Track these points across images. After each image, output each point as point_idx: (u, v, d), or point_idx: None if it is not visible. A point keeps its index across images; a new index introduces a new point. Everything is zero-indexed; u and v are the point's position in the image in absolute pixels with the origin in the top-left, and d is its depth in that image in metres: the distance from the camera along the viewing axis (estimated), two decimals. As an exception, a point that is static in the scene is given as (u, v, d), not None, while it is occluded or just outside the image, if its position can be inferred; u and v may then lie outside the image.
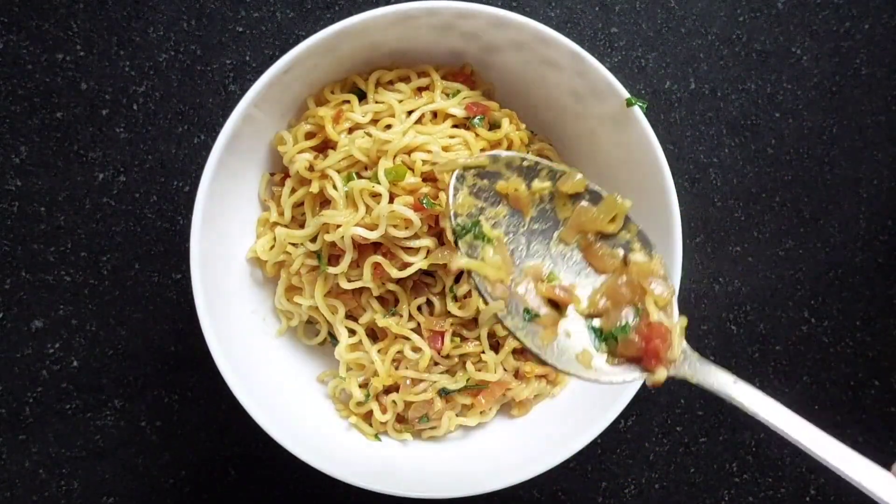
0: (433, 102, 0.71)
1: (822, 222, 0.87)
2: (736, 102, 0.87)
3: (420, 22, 0.68)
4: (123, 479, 0.79)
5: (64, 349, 0.79)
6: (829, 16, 0.88)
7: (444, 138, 0.69)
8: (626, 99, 0.67)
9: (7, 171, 0.79)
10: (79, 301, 0.79)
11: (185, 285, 0.80)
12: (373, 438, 0.72)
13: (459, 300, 0.70)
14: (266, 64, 0.81)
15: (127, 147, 0.81)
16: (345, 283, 0.68)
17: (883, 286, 0.87)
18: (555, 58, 0.69)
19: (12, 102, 0.80)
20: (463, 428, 0.74)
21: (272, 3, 0.83)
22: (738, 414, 0.84)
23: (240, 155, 0.69)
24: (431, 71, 0.73)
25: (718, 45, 0.87)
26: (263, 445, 0.65)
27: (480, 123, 0.71)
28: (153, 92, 0.81)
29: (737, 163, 0.86)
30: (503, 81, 0.75)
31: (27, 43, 0.80)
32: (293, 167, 0.70)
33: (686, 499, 0.84)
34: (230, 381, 0.64)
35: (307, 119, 0.71)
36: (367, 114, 0.70)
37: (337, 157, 0.68)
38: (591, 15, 0.85)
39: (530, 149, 0.75)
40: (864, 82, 0.88)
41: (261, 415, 0.64)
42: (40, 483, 0.78)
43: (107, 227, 0.80)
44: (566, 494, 0.83)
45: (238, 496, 0.80)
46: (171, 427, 0.80)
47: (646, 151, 0.68)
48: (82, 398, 0.79)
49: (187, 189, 0.81)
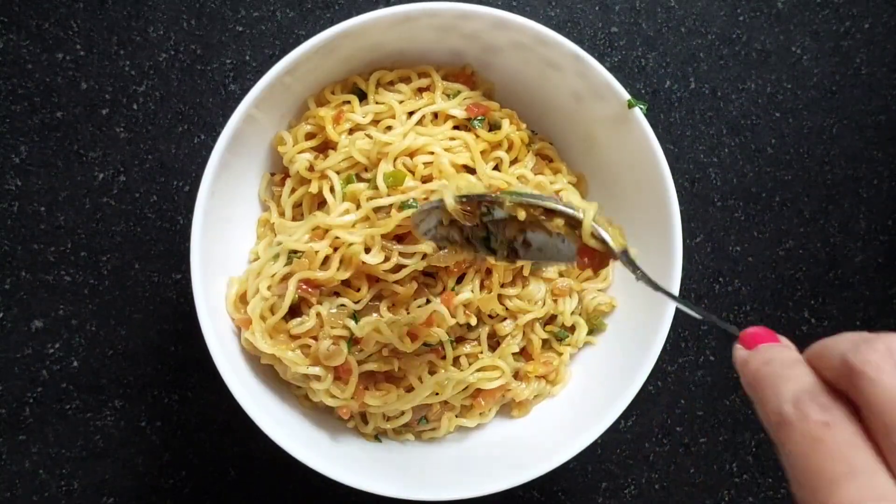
0: (434, 104, 0.71)
1: (822, 222, 0.87)
2: (736, 102, 0.87)
3: (420, 23, 0.68)
4: (123, 479, 0.79)
5: (64, 349, 0.79)
6: (829, 16, 0.88)
7: (445, 140, 0.69)
8: (627, 101, 0.67)
9: (7, 171, 0.79)
10: (79, 301, 0.79)
11: (185, 285, 0.80)
12: (372, 439, 0.72)
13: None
14: (266, 64, 0.81)
15: (127, 147, 0.81)
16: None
17: (883, 286, 0.87)
18: (555, 59, 0.69)
19: (12, 102, 0.79)
20: (462, 429, 0.74)
21: (272, 2, 0.82)
22: (738, 414, 0.85)
23: (240, 155, 0.69)
24: (432, 71, 0.73)
25: (718, 44, 0.86)
26: (263, 445, 0.65)
27: (481, 125, 0.71)
28: (153, 92, 0.81)
29: (737, 163, 0.86)
30: (503, 82, 0.75)
31: (27, 42, 0.80)
32: (293, 167, 0.70)
33: (686, 499, 0.84)
34: (230, 381, 0.64)
35: (307, 119, 0.71)
36: (367, 115, 0.70)
37: (337, 157, 0.68)
38: (591, 15, 0.85)
39: (531, 148, 0.75)
40: (864, 82, 0.87)
41: (261, 415, 0.64)
42: (40, 483, 0.78)
43: (107, 227, 0.80)
44: (566, 494, 0.83)
45: (238, 496, 0.80)
46: (171, 427, 0.80)
47: (646, 152, 0.68)
48: (82, 398, 0.79)
49: (187, 189, 0.81)
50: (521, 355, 0.74)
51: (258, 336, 0.66)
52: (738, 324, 0.85)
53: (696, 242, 0.86)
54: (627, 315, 0.74)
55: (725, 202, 0.86)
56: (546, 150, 0.77)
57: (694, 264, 0.85)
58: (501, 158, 0.71)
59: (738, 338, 0.43)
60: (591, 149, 0.75)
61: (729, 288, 0.86)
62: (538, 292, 0.72)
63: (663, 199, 0.68)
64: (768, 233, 0.86)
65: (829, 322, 0.86)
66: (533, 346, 0.73)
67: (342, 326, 0.67)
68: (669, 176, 0.68)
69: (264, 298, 0.67)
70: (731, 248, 0.86)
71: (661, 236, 0.69)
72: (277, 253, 0.68)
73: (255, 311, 0.67)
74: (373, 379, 0.69)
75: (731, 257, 0.86)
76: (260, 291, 0.67)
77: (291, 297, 0.66)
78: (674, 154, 0.85)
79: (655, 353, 0.67)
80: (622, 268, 0.75)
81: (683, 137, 0.86)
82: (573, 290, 0.74)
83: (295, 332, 0.67)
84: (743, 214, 0.86)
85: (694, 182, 0.86)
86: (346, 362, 0.66)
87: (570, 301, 0.74)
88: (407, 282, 0.68)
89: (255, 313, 0.67)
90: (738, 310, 0.85)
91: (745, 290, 0.86)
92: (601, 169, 0.75)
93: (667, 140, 0.85)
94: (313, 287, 0.67)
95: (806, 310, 0.86)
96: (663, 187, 0.68)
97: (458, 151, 0.69)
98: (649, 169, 0.69)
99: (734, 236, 0.86)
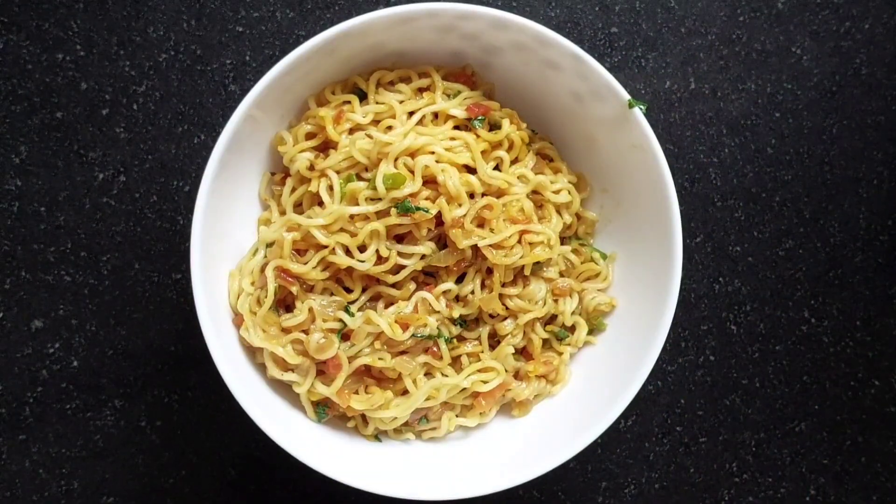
0: (434, 104, 0.71)
1: (822, 222, 0.87)
2: (736, 102, 0.87)
3: (421, 23, 0.68)
4: (123, 479, 0.79)
5: (64, 349, 0.79)
6: (829, 16, 0.88)
7: (446, 140, 0.69)
8: (628, 101, 0.67)
9: (7, 171, 0.79)
10: (79, 301, 0.79)
11: (185, 285, 0.80)
12: (373, 439, 0.72)
13: (462, 299, 0.70)
14: (266, 64, 0.81)
15: (127, 147, 0.81)
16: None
17: (883, 286, 0.87)
18: (556, 59, 0.69)
19: (12, 102, 0.79)
20: (463, 428, 0.74)
21: (272, 3, 0.83)
22: (738, 414, 0.85)
23: (240, 155, 0.69)
24: (432, 72, 0.73)
25: (718, 45, 0.87)
26: (263, 445, 0.65)
27: (481, 125, 0.71)
28: (153, 92, 0.81)
29: (737, 163, 0.86)
30: (504, 82, 0.75)
31: (27, 43, 0.80)
32: (294, 166, 0.70)
33: (686, 499, 0.84)
34: (230, 381, 0.64)
35: (307, 119, 0.71)
36: (367, 115, 0.70)
37: (338, 157, 0.68)
38: (591, 15, 0.85)
39: (531, 147, 0.75)
40: (864, 82, 0.88)
41: (261, 415, 0.64)
42: (40, 483, 0.78)
43: (107, 227, 0.80)
44: (566, 494, 0.83)
45: (238, 496, 0.80)
46: (171, 427, 0.80)
47: (646, 152, 0.68)
48: (82, 398, 0.79)
49: (187, 189, 0.81)
50: (522, 355, 0.74)
51: (251, 331, 0.67)
52: (739, 324, 0.85)
53: (696, 242, 0.86)
54: (627, 315, 0.74)
55: (725, 202, 0.86)
56: (546, 149, 0.77)
57: (694, 264, 0.85)
58: (502, 158, 0.71)
59: None
60: (591, 149, 0.75)
61: (729, 288, 0.86)
62: (539, 292, 0.72)
63: (663, 199, 0.68)
64: (768, 233, 0.86)
65: (829, 322, 0.86)
66: (533, 345, 0.73)
67: (334, 319, 0.67)
68: (669, 176, 0.68)
69: (249, 294, 0.69)
70: (731, 248, 0.86)
71: (661, 236, 0.69)
72: (257, 248, 0.70)
73: (243, 306, 0.68)
74: (363, 382, 0.69)
75: (731, 257, 0.86)
76: (244, 288, 0.69)
77: (272, 284, 0.67)
78: (674, 154, 0.86)
79: (655, 353, 0.67)
80: (621, 268, 0.75)
81: (683, 137, 0.86)
82: (573, 290, 0.75)
83: (286, 325, 0.67)
84: (743, 214, 0.86)
85: (694, 182, 0.86)
86: (336, 356, 0.66)
87: (570, 301, 0.74)
88: (406, 283, 0.68)
89: (245, 308, 0.68)
90: (738, 310, 0.85)
91: (745, 290, 0.86)
92: (601, 169, 0.75)
93: (667, 140, 0.85)
94: (291, 276, 0.67)
95: (806, 310, 0.86)
96: (663, 187, 0.68)
97: (458, 151, 0.69)
98: (649, 169, 0.69)
99: (734, 236, 0.86)
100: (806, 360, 0.86)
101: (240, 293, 0.69)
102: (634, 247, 0.74)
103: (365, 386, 0.69)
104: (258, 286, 0.69)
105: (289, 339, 0.67)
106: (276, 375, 0.68)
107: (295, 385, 0.68)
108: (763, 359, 0.85)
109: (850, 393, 0.86)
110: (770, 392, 0.85)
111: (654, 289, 0.70)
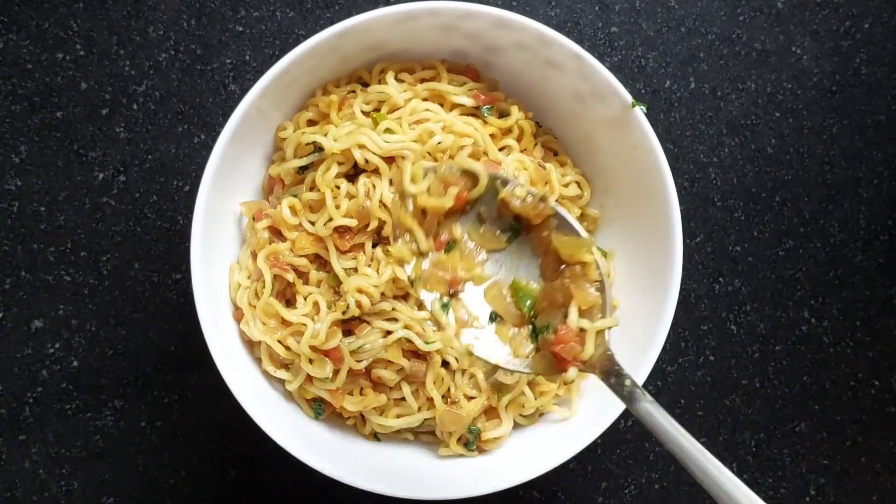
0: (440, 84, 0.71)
1: (822, 222, 0.87)
2: (736, 102, 0.87)
3: (422, 22, 0.68)
4: (123, 479, 0.79)
5: (64, 349, 0.79)
6: (829, 16, 0.88)
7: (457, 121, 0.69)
8: (631, 102, 0.67)
9: (7, 171, 0.79)
10: (79, 301, 0.79)
11: (185, 285, 0.80)
12: (371, 438, 0.72)
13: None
14: (266, 63, 0.81)
15: (127, 147, 0.81)
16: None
17: (883, 286, 0.87)
18: (557, 59, 0.69)
19: (12, 102, 0.79)
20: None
21: (272, 2, 0.82)
22: (738, 414, 0.85)
23: (240, 155, 0.69)
24: (437, 63, 0.72)
25: (718, 44, 0.87)
26: (263, 445, 0.65)
27: (489, 112, 0.71)
28: (153, 91, 0.81)
29: (737, 162, 0.86)
30: (505, 82, 0.75)
31: (27, 43, 0.80)
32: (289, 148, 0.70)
33: (686, 499, 0.84)
34: (230, 381, 0.64)
35: (308, 107, 0.71)
36: (370, 102, 0.70)
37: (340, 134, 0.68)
38: (591, 15, 0.85)
39: (537, 140, 0.75)
40: (864, 82, 0.88)
41: (261, 415, 0.64)
42: (40, 483, 0.78)
43: (107, 227, 0.80)
44: (566, 494, 0.83)
45: (238, 496, 0.80)
46: (171, 427, 0.80)
47: (646, 152, 0.68)
48: (82, 398, 0.79)
49: (187, 189, 0.81)
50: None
51: (251, 324, 0.67)
52: (739, 324, 0.85)
53: (696, 242, 0.86)
54: (627, 315, 0.74)
55: (725, 202, 0.86)
56: (551, 143, 0.77)
57: (694, 264, 0.85)
58: (511, 146, 0.71)
59: None
60: (591, 149, 0.75)
61: (729, 288, 0.86)
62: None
63: (663, 199, 0.68)
64: (768, 233, 0.86)
65: (829, 322, 0.86)
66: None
67: (340, 307, 0.66)
68: (669, 176, 0.68)
69: (246, 287, 0.69)
70: (731, 248, 0.86)
71: (661, 236, 0.69)
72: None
73: (242, 301, 0.69)
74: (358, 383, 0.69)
75: (731, 257, 0.86)
76: (241, 282, 0.70)
77: (268, 272, 0.67)
78: (674, 154, 0.86)
79: (655, 353, 0.67)
80: (622, 267, 0.75)
81: (683, 137, 0.86)
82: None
83: (289, 320, 0.67)
84: (743, 214, 0.86)
85: (694, 182, 0.86)
86: (337, 348, 0.66)
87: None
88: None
89: (244, 303, 0.68)
90: (738, 310, 0.85)
91: (745, 290, 0.86)
92: (602, 169, 0.75)
93: (667, 140, 0.85)
94: (284, 264, 0.67)
95: (806, 310, 0.86)
96: (663, 187, 0.68)
97: (468, 130, 0.69)
98: (650, 169, 0.69)
99: (734, 236, 0.86)
100: (806, 360, 0.86)
101: (238, 287, 0.70)
102: (635, 246, 0.74)
103: (360, 388, 0.69)
104: (254, 278, 0.69)
105: (289, 332, 0.67)
106: (270, 371, 0.68)
107: (287, 382, 0.68)
108: (763, 359, 0.85)
109: (850, 393, 0.86)
110: (770, 392, 0.85)
111: (654, 289, 0.70)
